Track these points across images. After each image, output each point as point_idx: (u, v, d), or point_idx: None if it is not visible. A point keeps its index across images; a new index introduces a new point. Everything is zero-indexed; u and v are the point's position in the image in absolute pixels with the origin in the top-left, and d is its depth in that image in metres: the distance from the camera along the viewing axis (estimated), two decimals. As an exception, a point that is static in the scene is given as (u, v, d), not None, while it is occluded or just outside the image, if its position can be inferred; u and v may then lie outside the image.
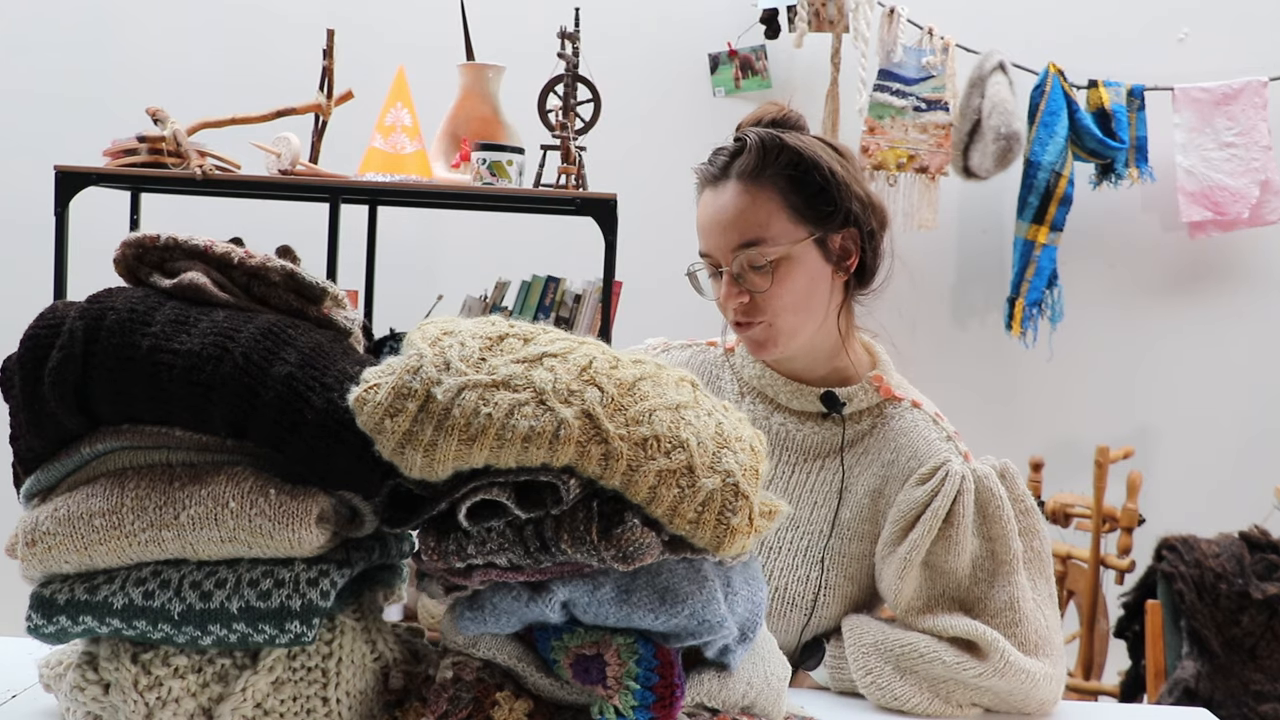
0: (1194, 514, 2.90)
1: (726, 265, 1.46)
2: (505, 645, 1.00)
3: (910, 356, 3.71)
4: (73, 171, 2.63)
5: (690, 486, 0.92)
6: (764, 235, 1.45)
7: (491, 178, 2.62)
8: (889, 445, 1.50)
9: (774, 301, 1.46)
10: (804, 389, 1.53)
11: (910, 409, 1.53)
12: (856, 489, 1.50)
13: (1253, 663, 2.23)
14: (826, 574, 1.47)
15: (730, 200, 1.46)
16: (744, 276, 1.46)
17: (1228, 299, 3.61)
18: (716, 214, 1.47)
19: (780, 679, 1.08)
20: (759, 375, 1.55)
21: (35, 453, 1.03)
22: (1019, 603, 1.41)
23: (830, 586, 1.47)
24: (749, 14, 3.48)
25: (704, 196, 1.51)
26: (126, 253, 1.06)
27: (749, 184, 1.46)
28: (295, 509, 0.94)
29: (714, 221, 1.47)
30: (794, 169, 1.46)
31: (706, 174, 1.51)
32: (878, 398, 1.53)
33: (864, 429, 1.52)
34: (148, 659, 0.98)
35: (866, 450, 1.51)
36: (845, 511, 1.49)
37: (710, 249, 1.49)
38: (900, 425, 1.51)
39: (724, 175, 1.48)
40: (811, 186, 1.47)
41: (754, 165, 1.46)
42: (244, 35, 3.55)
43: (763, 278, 1.45)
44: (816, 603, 1.47)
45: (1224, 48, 3.52)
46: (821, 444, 1.52)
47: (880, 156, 3.37)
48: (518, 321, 1.00)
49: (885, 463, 1.49)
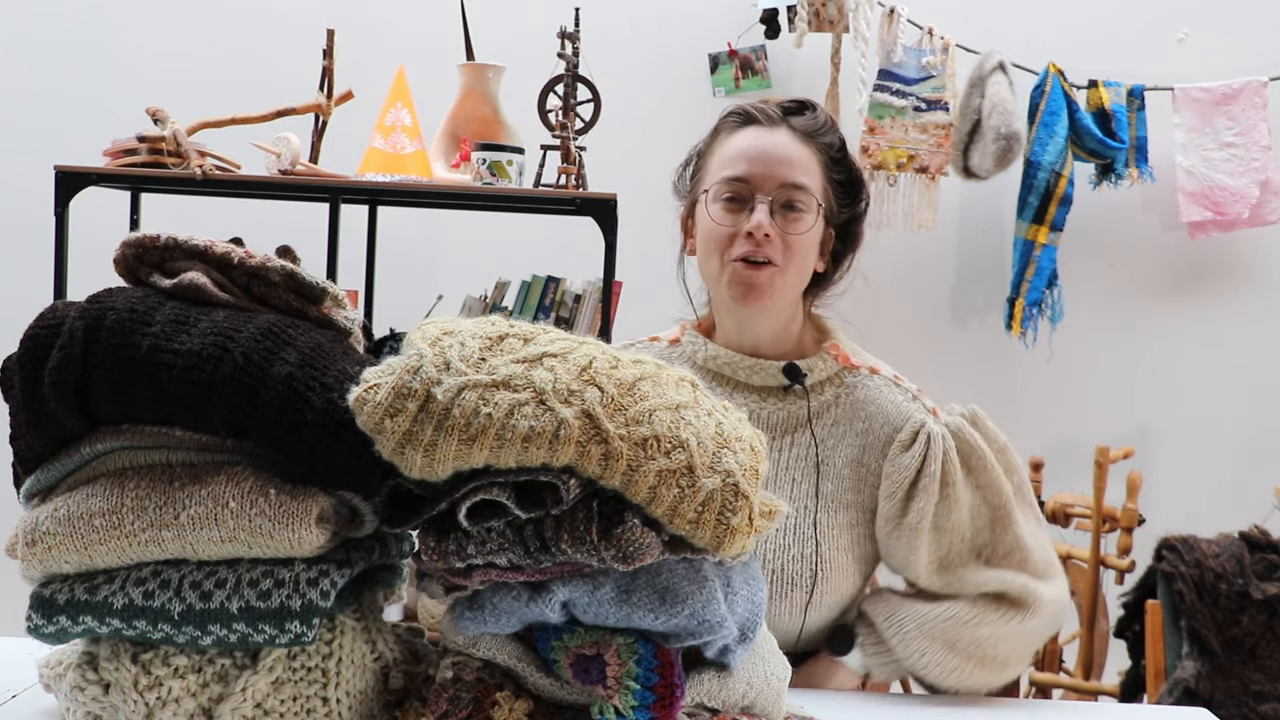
0: (1194, 514, 2.90)
1: (768, 195, 1.47)
2: (505, 645, 1.00)
3: (911, 356, 3.72)
4: (73, 171, 2.63)
5: (690, 486, 0.92)
6: (811, 185, 1.50)
7: (491, 178, 2.62)
8: (859, 414, 1.51)
9: (794, 249, 1.49)
10: (764, 363, 1.53)
11: (870, 375, 1.55)
12: (835, 460, 1.50)
13: (1253, 663, 2.23)
14: (820, 548, 1.47)
15: (786, 141, 1.49)
16: (776, 215, 1.48)
17: (1228, 299, 3.61)
18: (771, 147, 1.49)
19: (780, 679, 1.08)
20: (715, 355, 1.55)
21: (35, 453, 1.03)
22: (1022, 539, 1.45)
23: (825, 560, 1.47)
24: (749, 14, 3.47)
25: (746, 131, 1.51)
26: (126, 253, 1.06)
27: (804, 138, 1.50)
28: (295, 509, 0.94)
29: (766, 152, 1.48)
30: (839, 151, 1.53)
31: (755, 114, 1.52)
32: (836, 366, 1.55)
33: (828, 399, 1.53)
34: (148, 659, 0.98)
35: (836, 421, 1.52)
36: (826, 484, 1.49)
37: (753, 175, 1.48)
38: (866, 393, 1.53)
39: (779, 122, 1.51)
40: (844, 174, 1.54)
41: (814, 128, 1.51)
42: (244, 35, 3.55)
43: (796, 220, 1.48)
44: (816, 578, 1.46)
45: (1224, 48, 3.52)
46: (788, 419, 1.52)
47: (880, 156, 3.37)
48: (518, 321, 1.00)
49: (859, 432, 1.51)
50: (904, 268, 3.61)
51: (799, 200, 1.48)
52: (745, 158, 1.49)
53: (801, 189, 1.48)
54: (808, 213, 1.48)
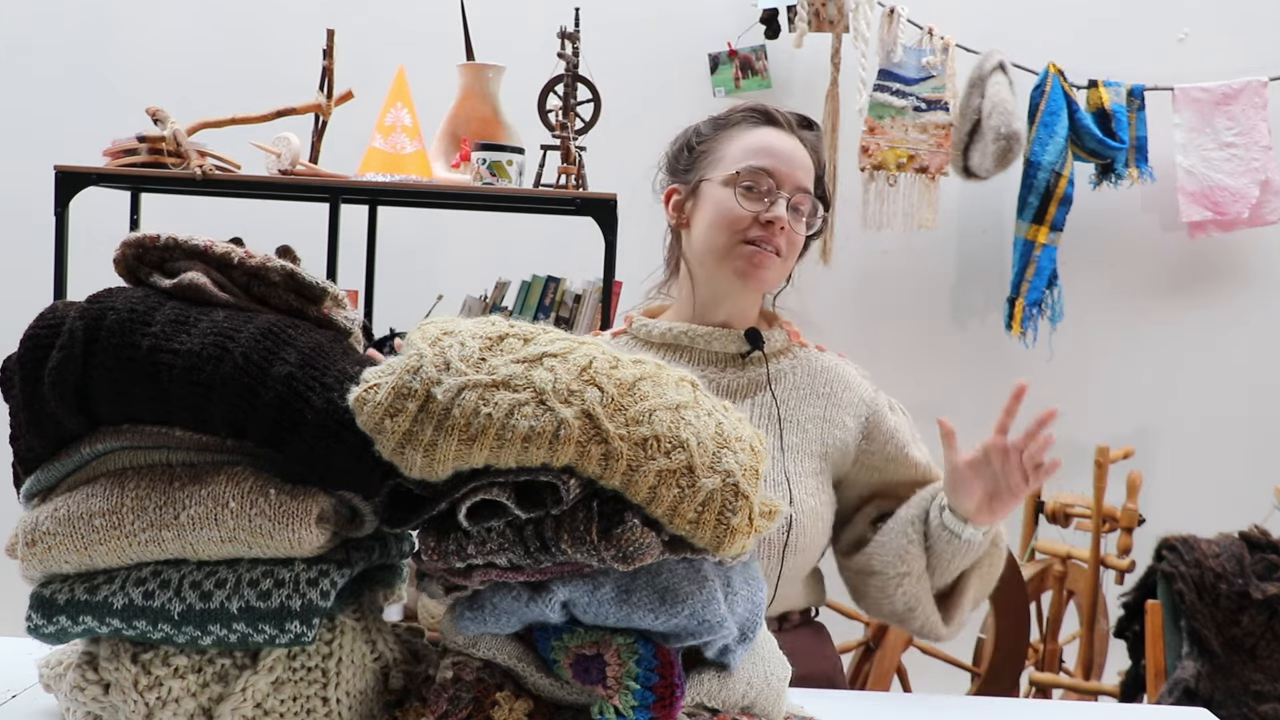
0: (1194, 514, 2.90)
1: (788, 193, 1.59)
2: (505, 645, 1.00)
3: (911, 356, 3.72)
4: (73, 171, 2.63)
5: (690, 486, 0.92)
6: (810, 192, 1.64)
7: (491, 178, 2.62)
8: (819, 379, 1.65)
9: (794, 246, 1.63)
10: (723, 331, 1.63)
11: (817, 352, 1.70)
12: (797, 417, 1.61)
13: (1253, 663, 2.23)
14: (792, 494, 1.55)
15: (800, 149, 1.63)
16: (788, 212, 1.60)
17: (1228, 299, 3.61)
18: (793, 151, 1.62)
19: (780, 679, 1.08)
20: (670, 330, 1.65)
21: (35, 453, 1.03)
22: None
23: (798, 504, 1.56)
24: (749, 14, 3.47)
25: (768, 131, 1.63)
26: (126, 253, 1.06)
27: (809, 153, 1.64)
28: (295, 509, 0.94)
29: (790, 154, 1.61)
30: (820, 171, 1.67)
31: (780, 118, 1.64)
32: (789, 341, 1.68)
33: (784, 368, 1.65)
34: (148, 659, 0.98)
35: (796, 385, 1.64)
36: (791, 437, 1.60)
37: (778, 171, 1.59)
38: (821, 364, 1.67)
39: (794, 131, 1.64)
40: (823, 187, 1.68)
41: (816, 145, 1.66)
42: (244, 35, 3.55)
43: (800, 222, 1.62)
44: (791, 521, 1.54)
45: (1224, 48, 3.52)
46: (747, 384, 1.62)
47: (880, 156, 3.37)
48: (518, 321, 1.00)
49: (822, 394, 1.64)
50: (904, 268, 3.61)
51: (804, 205, 1.62)
52: (770, 154, 1.60)
53: (806, 195, 1.62)
54: (806, 218, 1.63)
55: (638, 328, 1.69)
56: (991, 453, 1.50)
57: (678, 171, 1.71)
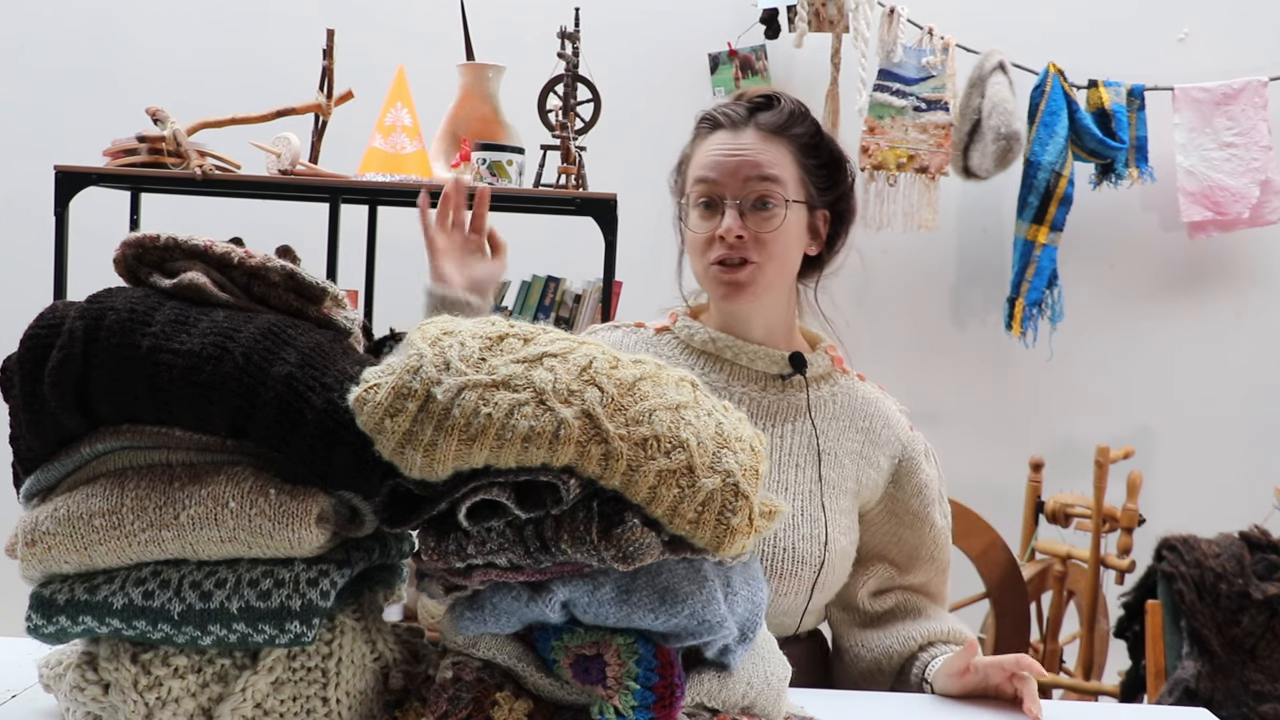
0: (1194, 514, 2.90)
1: (735, 198, 1.50)
2: (505, 645, 0.99)
3: (911, 356, 3.71)
4: (73, 171, 2.63)
5: (690, 486, 0.92)
6: (780, 176, 1.52)
7: (491, 178, 2.62)
8: (859, 412, 1.59)
9: (770, 245, 1.52)
10: (768, 350, 1.57)
11: (859, 381, 1.63)
12: (836, 450, 1.56)
13: (1253, 663, 2.23)
14: (828, 529, 1.52)
15: (751, 142, 1.52)
16: (748, 215, 1.51)
17: (1228, 299, 3.61)
18: (736, 150, 1.52)
19: (780, 679, 1.08)
20: (713, 339, 1.58)
21: (35, 453, 1.03)
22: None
23: (832, 541, 1.52)
24: (749, 14, 3.47)
25: (715, 136, 1.55)
26: (126, 253, 1.05)
27: (770, 135, 1.53)
28: (295, 509, 0.94)
29: (731, 155, 1.52)
30: (811, 138, 1.55)
31: (723, 118, 1.55)
32: (831, 367, 1.61)
33: (825, 395, 1.58)
34: (147, 659, 0.98)
35: (835, 415, 1.58)
36: (829, 471, 1.55)
37: (721, 178, 1.51)
38: (863, 395, 1.61)
39: (744, 123, 1.53)
40: (822, 158, 1.56)
41: (780, 123, 1.53)
42: (244, 35, 3.55)
43: (767, 219, 1.51)
44: (825, 556, 1.51)
45: (1224, 48, 3.52)
46: (786, 407, 1.57)
47: (880, 156, 3.37)
48: (518, 321, 1.00)
49: (861, 428, 1.58)
50: (904, 268, 3.61)
51: (769, 197, 1.51)
52: (713, 163, 1.53)
53: (769, 184, 1.51)
54: (778, 207, 1.52)
55: (681, 328, 1.62)
56: (992, 678, 1.39)
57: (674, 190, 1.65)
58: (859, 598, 1.59)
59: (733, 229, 1.49)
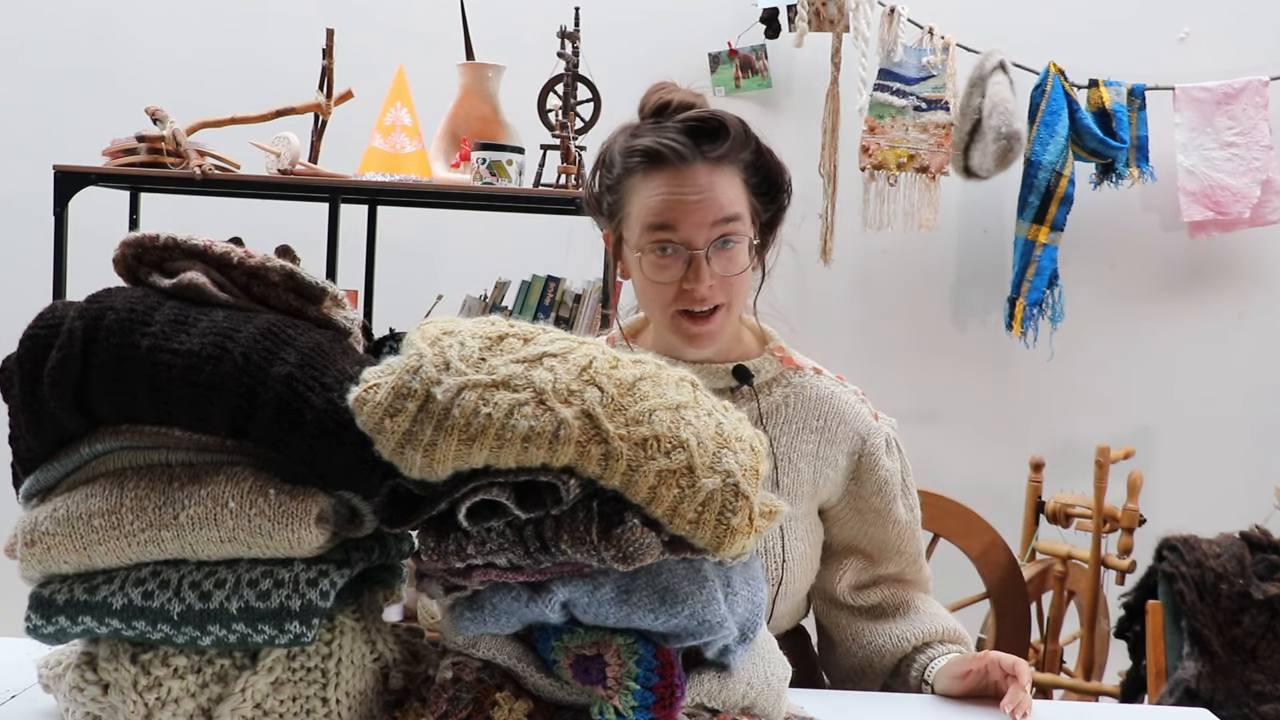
0: (1194, 514, 2.89)
1: (699, 246, 1.41)
2: (505, 645, 0.99)
3: (911, 356, 3.71)
4: (72, 171, 2.63)
5: (690, 486, 0.92)
6: (740, 212, 1.44)
7: (491, 177, 2.62)
8: (813, 412, 1.53)
9: (736, 284, 1.44)
10: (711, 366, 1.51)
11: (814, 375, 1.56)
12: (790, 455, 1.51)
13: (1254, 663, 2.23)
14: (785, 541, 1.50)
15: (704, 179, 1.41)
16: (712, 258, 1.42)
17: (1228, 299, 3.61)
18: (690, 192, 1.41)
19: (780, 679, 1.07)
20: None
21: (35, 453, 1.03)
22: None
23: (790, 551, 1.50)
24: (749, 13, 3.47)
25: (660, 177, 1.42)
26: (126, 252, 1.05)
27: (718, 166, 1.43)
28: (295, 509, 0.94)
29: (687, 202, 1.40)
30: (753, 157, 1.47)
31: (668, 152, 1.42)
32: (780, 368, 1.55)
33: (777, 400, 1.53)
34: (147, 659, 0.98)
35: (789, 420, 1.52)
36: (784, 479, 1.51)
37: (683, 228, 1.41)
38: (816, 392, 1.53)
39: (689, 157, 1.42)
40: (765, 171, 1.48)
41: (727, 150, 1.44)
42: (244, 35, 3.55)
43: (731, 259, 1.43)
44: (784, 570, 1.49)
45: (1225, 47, 3.52)
46: None
47: (880, 156, 3.36)
48: (518, 321, 1.00)
49: (815, 429, 1.52)
50: (904, 268, 3.61)
51: (732, 235, 1.43)
52: (666, 209, 1.41)
53: (732, 223, 1.42)
54: (742, 244, 1.44)
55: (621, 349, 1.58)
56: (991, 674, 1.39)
57: (603, 213, 1.54)
58: (839, 591, 1.57)
59: (706, 282, 1.41)
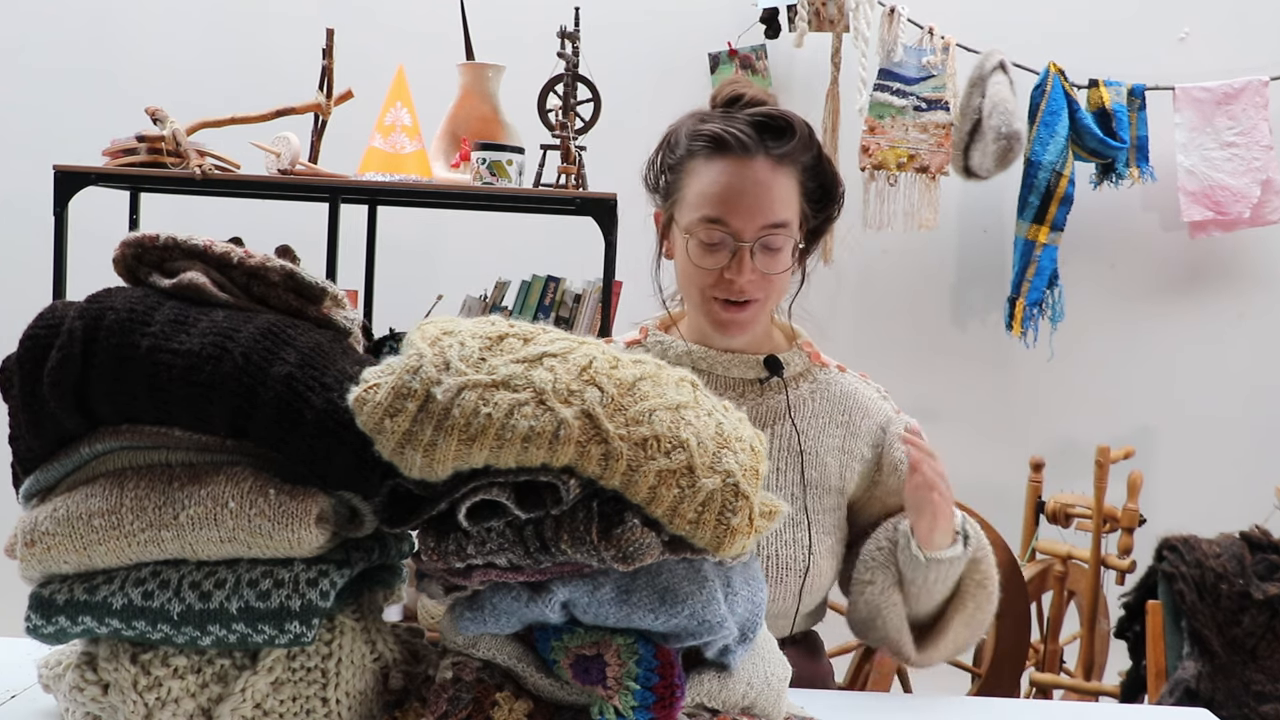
0: (1194, 514, 2.89)
1: (747, 240, 1.46)
2: (505, 645, 0.99)
3: (911, 356, 3.71)
4: (72, 171, 2.63)
5: (690, 486, 0.92)
6: (790, 218, 1.49)
7: (491, 178, 2.62)
8: (838, 406, 1.58)
9: (774, 283, 1.51)
10: (743, 356, 1.56)
11: (839, 373, 1.61)
12: (817, 449, 1.55)
13: (1254, 663, 2.23)
14: (811, 533, 1.52)
15: (764, 177, 1.46)
16: (756, 255, 1.48)
17: (1228, 299, 3.61)
18: (750, 185, 1.46)
19: (780, 679, 1.07)
20: (690, 350, 1.57)
21: (35, 453, 1.03)
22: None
23: (816, 544, 1.52)
24: (749, 13, 3.47)
25: (721, 164, 1.47)
26: (126, 252, 1.05)
27: (779, 164, 1.47)
28: (295, 509, 0.94)
29: (744, 194, 1.45)
30: (813, 161, 1.51)
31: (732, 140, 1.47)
32: (808, 363, 1.60)
33: (804, 394, 1.58)
34: (147, 659, 0.98)
35: (815, 413, 1.57)
36: (811, 472, 1.54)
37: (734, 222, 1.46)
38: (841, 388, 1.59)
39: (754, 149, 1.46)
40: (822, 178, 1.53)
41: (790, 150, 1.48)
42: (244, 35, 3.55)
43: (775, 260, 1.48)
44: (810, 561, 1.51)
45: (1225, 47, 3.52)
46: (766, 411, 1.56)
47: (880, 156, 3.36)
48: (518, 321, 1.00)
49: (840, 423, 1.57)
50: (904, 268, 3.61)
51: (779, 239, 1.48)
52: (722, 199, 1.46)
53: (783, 225, 1.47)
54: (786, 248, 1.49)
55: (653, 342, 1.61)
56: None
57: (659, 191, 1.61)
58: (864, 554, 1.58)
59: (747, 275, 1.47)
